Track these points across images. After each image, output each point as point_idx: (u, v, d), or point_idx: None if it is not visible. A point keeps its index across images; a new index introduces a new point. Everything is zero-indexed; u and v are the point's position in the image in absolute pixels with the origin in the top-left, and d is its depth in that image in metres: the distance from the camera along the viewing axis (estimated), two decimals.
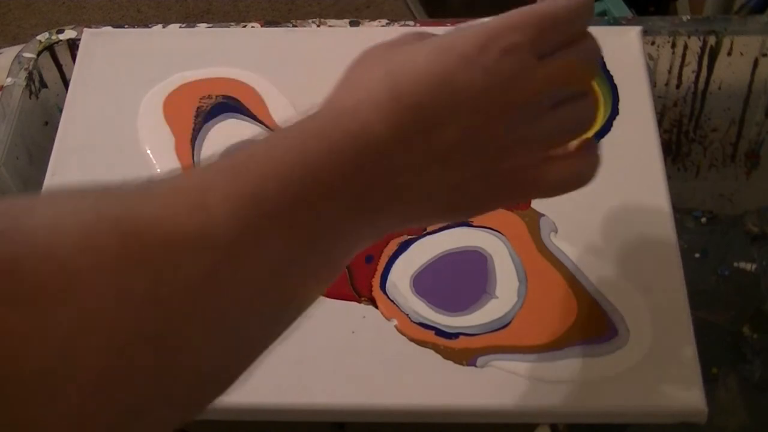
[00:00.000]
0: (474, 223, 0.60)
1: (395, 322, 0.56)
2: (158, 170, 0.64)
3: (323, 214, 0.38)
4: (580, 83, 0.46)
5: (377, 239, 0.43)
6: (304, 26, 0.72)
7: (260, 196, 0.36)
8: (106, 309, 0.29)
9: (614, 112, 0.67)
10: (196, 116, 0.66)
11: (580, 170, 0.47)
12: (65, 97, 0.69)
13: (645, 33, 0.71)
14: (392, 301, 0.57)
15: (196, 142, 0.65)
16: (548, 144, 0.45)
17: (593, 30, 0.45)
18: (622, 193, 0.60)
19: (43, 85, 0.74)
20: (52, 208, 0.31)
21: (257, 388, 0.53)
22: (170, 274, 0.32)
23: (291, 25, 0.73)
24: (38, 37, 0.74)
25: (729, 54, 0.75)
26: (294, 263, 0.37)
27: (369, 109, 0.40)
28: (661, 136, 0.64)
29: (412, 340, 0.55)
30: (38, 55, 0.73)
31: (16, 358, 0.27)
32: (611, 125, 0.66)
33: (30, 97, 0.72)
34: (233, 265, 0.34)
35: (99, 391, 0.29)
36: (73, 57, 0.73)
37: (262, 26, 0.73)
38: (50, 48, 0.74)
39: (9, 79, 0.72)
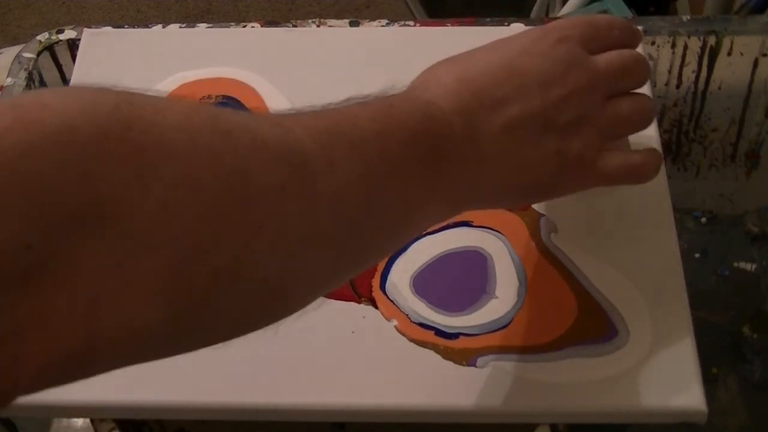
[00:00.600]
0: (474, 223, 0.60)
1: (395, 322, 0.56)
2: None
3: (389, 162, 0.41)
4: (635, 78, 0.50)
5: (438, 217, 0.46)
6: (304, 26, 0.72)
7: (336, 134, 0.39)
8: (197, 180, 0.32)
9: None
10: None
11: (643, 160, 0.51)
12: None
13: (645, 33, 0.71)
14: (392, 301, 0.57)
15: None
16: (610, 129, 0.49)
17: None
18: (622, 193, 0.60)
19: (43, 85, 0.74)
20: (158, 97, 0.35)
21: (257, 387, 0.53)
22: (255, 168, 0.35)
23: (291, 25, 0.73)
24: (38, 37, 0.74)
25: (729, 54, 0.75)
26: (360, 201, 0.40)
27: (437, 89, 0.45)
28: (661, 136, 0.64)
29: (411, 340, 0.55)
30: (38, 55, 0.73)
31: (122, 195, 0.30)
32: None
33: None
34: (309, 181, 0.37)
35: (182, 258, 0.32)
36: (73, 57, 0.73)
37: (262, 26, 0.73)
38: (50, 48, 0.74)
39: (9, 79, 0.72)
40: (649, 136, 0.63)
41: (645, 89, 0.66)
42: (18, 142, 0.28)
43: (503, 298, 0.56)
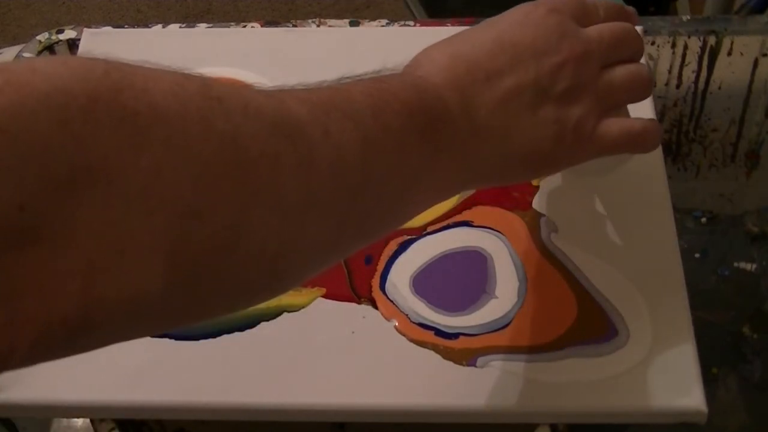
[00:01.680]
0: (474, 223, 0.60)
1: (395, 322, 0.56)
2: None
3: (384, 132, 0.41)
4: (629, 48, 0.50)
5: (444, 192, 0.46)
6: (304, 26, 0.72)
7: (329, 105, 0.39)
8: (190, 144, 0.32)
9: None
10: None
11: (644, 126, 0.50)
12: None
13: (645, 33, 0.71)
14: (392, 301, 0.57)
15: None
16: (608, 98, 0.49)
17: None
18: (622, 193, 0.60)
19: None
20: (147, 65, 0.35)
21: (257, 387, 0.53)
22: (248, 135, 0.35)
23: (291, 25, 0.73)
24: (38, 37, 0.74)
25: (729, 54, 0.75)
26: (356, 171, 0.39)
27: (429, 66, 0.45)
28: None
29: (411, 340, 0.55)
30: (38, 55, 0.73)
31: (114, 160, 0.30)
32: None
33: None
34: (303, 149, 0.37)
35: (178, 223, 0.32)
36: None
37: (262, 26, 0.73)
38: (50, 48, 0.74)
39: None
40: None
41: None
42: (9, 103, 0.28)
43: (503, 298, 0.56)
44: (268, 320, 0.56)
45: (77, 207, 0.29)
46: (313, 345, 0.55)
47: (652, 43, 0.74)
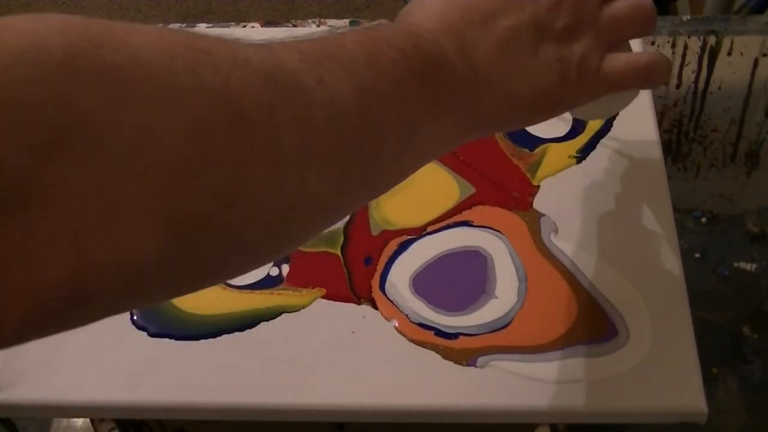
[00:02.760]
0: (474, 223, 0.60)
1: (395, 322, 0.56)
2: None
3: (380, 79, 0.39)
4: None
5: (448, 142, 0.44)
6: (304, 26, 0.72)
7: (320, 55, 0.38)
8: (178, 97, 0.31)
9: None
10: None
11: (651, 59, 0.49)
12: None
13: None
14: (391, 301, 0.57)
15: None
16: (610, 32, 0.47)
17: None
18: (622, 193, 0.60)
19: None
20: (128, 22, 0.33)
21: (257, 388, 0.53)
22: (239, 85, 0.33)
23: (291, 25, 0.73)
24: None
25: (729, 54, 0.75)
26: (354, 119, 0.38)
27: (422, 13, 0.44)
28: (661, 136, 0.64)
29: (411, 340, 0.55)
30: None
31: (97, 117, 0.29)
32: (611, 125, 0.67)
33: None
34: (297, 98, 0.35)
35: (172, 182, 0.30)
36: None
37: (262, 26, 0.73)
38: None
39: None
40: (649, 135, 0.63)
41: (644, 91, 0.66)
42: None
43: (503, 298, 0.56)
44: (267, 320, 0.56)
45: (63, 168, 0.28)
46: (313, 345, 0.55)
47: (652, 43, 0.74)
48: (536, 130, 0.65)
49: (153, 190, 0.30)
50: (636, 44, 0.68)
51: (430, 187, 0.62)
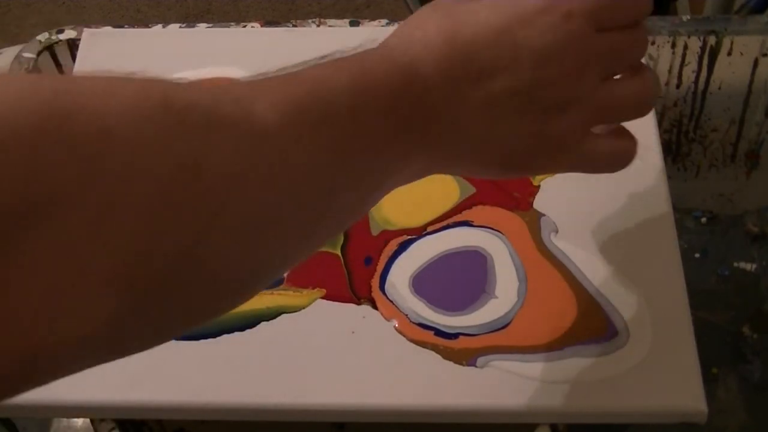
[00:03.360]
0: (474, 223, 0.60)
1: (395, 322, 0.56)
2: None
3: (362, 134, 0.39)
4: (635, 56, 0.47)
5: (411, 179, 0.43)
6: (304, 26, 0.72)
7: (304, 106, 0.37)
8: (146, 171, 0.30)
9: None
10: None
11: (627, 148, 0.48)
12: None
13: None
14: (391, 301, 0.57)
15: None
16: (602, 114, 0.46)
17: None
18: (622, 193, 0.60)
19: None
20: (105, 79, 0.32)
21: (257, 388, 0.53)
22: (210, 155, 0.33)
23: (291, 25, 0.73)
24: (38, 37, 0.74)
25: (729, 54, 0.75)
26: (328, 177, 0.37)
27: (421, 49, 0.41)
28: (661, 136, 0.64)
29: (411, 340, 0.55)
30: (38, 55, 0.73)
31: (62, 194, 0.28)
32: None
33: None
34: (270, 161, 0.35)
35: (132, 255, 0.30)
36: (73, 57, 0.73)
37: (262, 26, 0.73)
38: (50, 48, 0.74)
39: None
40: (649, 135, 0.63)
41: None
42: None
43: (503, 298, 0.56)
44: (267, 320, 0.56)
45: (23, 242, 0.27)
46: (313, 345, 0.55)
47: (652, 43, 0.74)
48: None
49: (112, 263, 0.30)
50: None
51: (430, 187, 0.62)
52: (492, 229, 0.60)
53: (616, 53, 0.45)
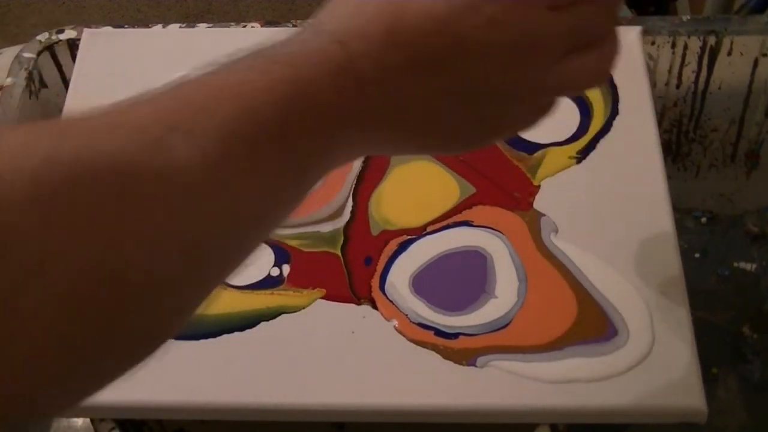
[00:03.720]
0: (474, 223, 0.60)
1: (395, 322, 0.56)
2: None
3: (294, 148, 0.36)
4: (599, 33, 0.42)
5: (344, 163, 0.40)
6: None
7: (233, 135, 0.34)
8: (51, 265, 0.29)
9: (614, 112, 0.67)
10: None
11: (598, 70, 0.42)
12: (65, 97, 0.68)
13: (645, 33, 0.71)
14: (391, 301, 0.57)
15: None
16: (553, 92, 0.42)
17: None
18: (622, 193, 0.60)
19: (43, 85, 0.74)
20: (10, 156, 0.30)
21: (257, 388, 0.53)
22: (127, 224, 0.31)
23: (291, 25, 0.73)
24: (38, 37, 0.74)
25: (729, 54, 0.75)
26: (259, 203, 0.36)
27: (359, 41, 0.38)
28: (661, 136, 0.64)
29: (411, 340, 0.55)
30: (38, 55, 0.73)
31: None
32: (611, 125, 0.67)
33: (30, 97, 0.72)
34: (194, 208, 0.33)
35: (43, 353, 0.30)
36: (73, 57, 0.73)
37: (262, 26, 0.73)
38: (50, 48, 0.74)
39: (9, 79, 0.72)
40: (649, 135, 0.63)
41: (644, 91, 0.66)
42: None
43: (503, 298, 0.56)
44: (267, 320, 0.56)
45: None
46: (313, 345, 0.55)
47: (652, 43, 0.74)
48: (536, 136, 0.65)
49: (21, 357, 0.29)
50: (635, 46, 0.68)
51: (430, 187, 0.62)
52: (492, 229, 0.60)
53: (576, 30, 0.40)
